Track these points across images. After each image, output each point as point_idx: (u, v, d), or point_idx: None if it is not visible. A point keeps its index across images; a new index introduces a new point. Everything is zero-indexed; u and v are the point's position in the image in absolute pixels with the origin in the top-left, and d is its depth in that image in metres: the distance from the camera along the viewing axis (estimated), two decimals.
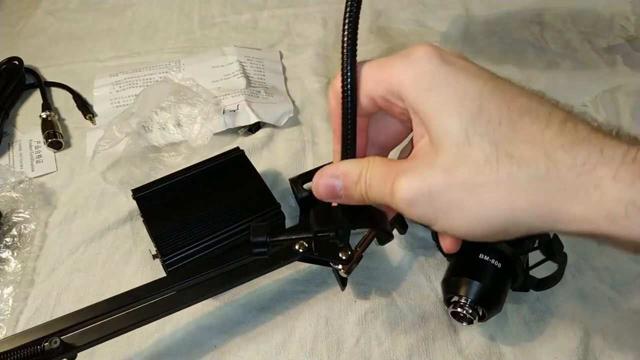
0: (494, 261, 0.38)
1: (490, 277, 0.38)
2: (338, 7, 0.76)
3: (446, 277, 0.40)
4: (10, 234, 0.48)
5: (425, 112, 0.26)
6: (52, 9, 0.78)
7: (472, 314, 0.37)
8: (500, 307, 0.38)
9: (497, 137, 0.24)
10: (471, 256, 0.39)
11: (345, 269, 0.38)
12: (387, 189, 0.27)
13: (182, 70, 0.65)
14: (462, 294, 0.38)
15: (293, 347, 0.41)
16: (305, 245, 0.38)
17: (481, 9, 0.75)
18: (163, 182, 0.47)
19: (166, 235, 0.43)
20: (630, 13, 0.72)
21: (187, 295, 0.37)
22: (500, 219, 0.24)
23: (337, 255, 0.38)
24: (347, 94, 0.29)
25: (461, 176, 0.24)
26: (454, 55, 0.27)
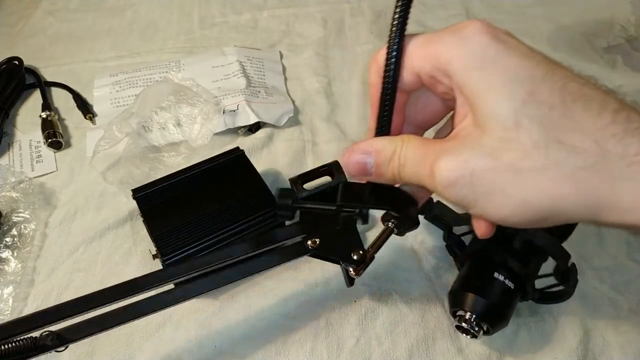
0: (507, 281, 0.37)
1: (500, 296, 0.37)
2: (338, 7, 0.76)
3: (455, 289, 0.39)
4: (10, 234, 0.48)
5: (472, 91, 0.25)
6: (52, 9, 0.78)
7: (477, 330, 0.37)
8: (507, 323, 0.38)
9: (548, 122, 0.23)
10: (484, 272, 0.38)
11: (356, 270, 0.37)
12: (425, 169, 0.26)
13: (182, 70, 0.65)
14: (468, 310, 0.37)
15: (293, 347, 0.41)
16: (316, 242, 0.37)
17: (481, 9, 0.75)
18: (163, 182, 0.47)
19: (166, 235, 0.43)
20: (630, 13, 0.72)
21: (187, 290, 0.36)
22: (542, 206, 0.24)
23: (349, 255, 0.37)
24: (391, 67, 0.28)
25: (507, 160, 0.24)
26: (505, 33, 0.26)
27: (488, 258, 0.38)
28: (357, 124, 0.59)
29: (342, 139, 0.57)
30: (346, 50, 0.69)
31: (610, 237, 0.47)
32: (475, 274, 0.39)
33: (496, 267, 0.38)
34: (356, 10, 0.75)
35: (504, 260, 0.37)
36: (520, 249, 0.38)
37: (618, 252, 0.46)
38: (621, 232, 0.47)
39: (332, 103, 0.62)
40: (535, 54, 0.25)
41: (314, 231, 0.37)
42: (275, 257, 0.37)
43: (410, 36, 0.28)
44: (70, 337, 0.32)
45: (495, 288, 0.37)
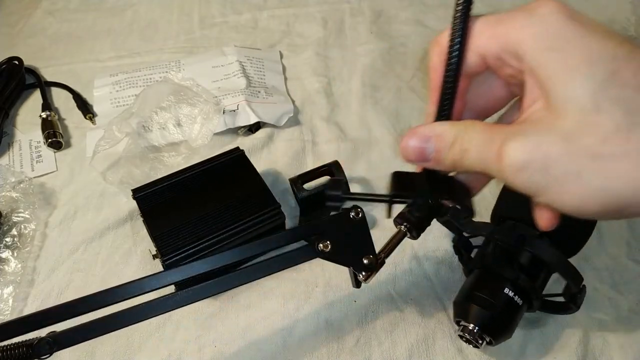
0: (517, 297, 0.36)
1: (506, 311, 0.36)
2: (338, 7, 0.76)
3: (460, 299, 0.38)
4: (10, 234, 0.48)
5: (547, 73, 0.23)
6: (52, 9, 0.78)
7: (479, 343, 0.37)
8: (510, 335, 0.37)
9: (632, 105, 0.22)
10: (494, 286, 0.37)
11: (366, 275, 0.36)
12: (492, 153, 0.24)
13: (182, 70, 0.65)
14: (473, 323, 0.36)
15: (293, 347, 0.41)
16: (328, 246, 0.36)
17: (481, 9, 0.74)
18: (163, 182, 0.47)
19: (166, 235, 0.43)
20: (630, 13, 0.72)
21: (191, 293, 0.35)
22: (622, 195, 0.22)
23: (360, 260, 0.36)
24: (455, 48, 0.26)
25: (584, 144, 0.22)
26: (580, 13, 0.24)
27: (497, 272, 0.38)
28: (357, 124, 0.59)
29: (342, 139, 0.57)
30: (346, 50, 0.69)
31: (610, 237, 0.47)
32: (483, 286, 0.38)
33: (506, 283, 0.37)
34: (356, 10, 0.75)
35: (516, 277, 0.37)
36: (528, 263, 0.38)
37: (618, 252, 0.46)
38: (621, 232, 0.48)
39: (332, 103, 0.62)
40: (615, 34, 0.23)
41: (325, 233, 0.36)
42: (284, 259, 0.36)
43: (476, 17, 0.27)
44: (67, 343, 0.32)
45: (503, 303, 0.36)
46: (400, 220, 0.36)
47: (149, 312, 0.34)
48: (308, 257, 0.36)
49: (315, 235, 0.36)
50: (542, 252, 0.37)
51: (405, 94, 0.63)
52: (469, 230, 0.41)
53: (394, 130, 0.58)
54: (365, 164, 0.55)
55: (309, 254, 0.36)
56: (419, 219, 0.36)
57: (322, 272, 0.46)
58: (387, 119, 0.59)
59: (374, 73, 0.65)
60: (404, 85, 0.64)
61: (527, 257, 0.38)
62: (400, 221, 0.36)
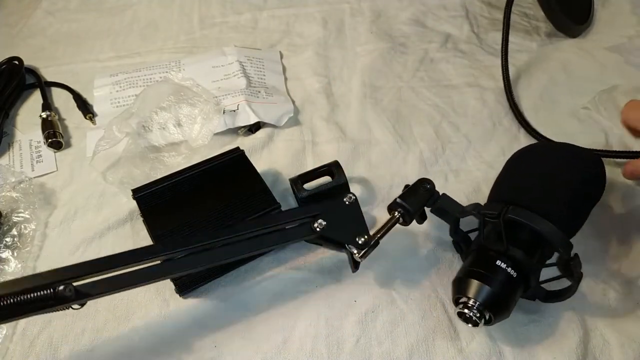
0: (510, 269, 0.37)
1: (502, 284, 0.37)
2: (338, 7, 0.76)
3: (458, 276, 0.39)
4: (10, 234, 0.48)
5: None
6: (52, 9, 0.78)
7: (478, 317, 0.37)
8: (508, 314, 0.38)
9: None
10: (487, 260, 0.38)
11: (361, 253, 0.39)
12: None
13: (182, 70, 0.65)
14: (471, 296, 0.37)
15: (293, 347, 0.41)
16: (323, 225, 0.39)
17: (481, 9, 0.75)
18: (163, 182, 0.47)
19: (166, 235, 0.43)
20: (630, 13, 0.72)
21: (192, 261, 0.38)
22: None
23: (354, 239, 0.38)
24: None
25: None
26: None
27: (491, 247, 0.39)
28: (357, 124, 0.59)
29: (342, 139, 0.57)
30: (346, 50, 0.69)
31: (610, 238, 0.47)
32: (479, 262, 0.39)
33: (499, 256, 0.38)
34: (356, 10, 0.75)
35: (506, 249, 0.38)
36: (526, 240, 0.38)
37: (618, 252, 0.46)
38: (622, 231, 0.47)
39: (332, 103, 0.62)
40: None
41: (321, 214, 0.39)
42: (281, 236, 0.39)
43: None
44: (86, 292, 0.34)
45: (498, 276, 0.37)
46: (394, 206, 0.41)
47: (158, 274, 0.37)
48: (304, 235, 0.40)
49: (312, 217, 0.40)
50: (526, 218, 0.38)
51: (405, 94, 0.63)
52: (458, 213, 0.42)
53: (394, 130, 0.58)
54: (365, 164, 0.55)
55: (306, 232, 0.40)
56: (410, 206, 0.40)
57: (321, 272, 0.46)
58: (387, 119, 0.59)
59: (374, 73, 0.65)
60: (404, 85, 0.64)
61: (519, 232, 0.39)
62: (394, 207, 0.41)
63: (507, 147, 0.56)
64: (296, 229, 0.40)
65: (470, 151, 0.56)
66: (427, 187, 0.42)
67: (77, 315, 0.44)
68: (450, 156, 0.55)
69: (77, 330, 0.43)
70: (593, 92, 0.61)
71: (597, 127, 0.57)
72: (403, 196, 0.42)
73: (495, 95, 0.62)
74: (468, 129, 0.58)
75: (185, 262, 0.38)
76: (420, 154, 0.56)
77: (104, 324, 0.43)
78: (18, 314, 0.33)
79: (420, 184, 0.42)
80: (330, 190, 0.48)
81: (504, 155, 0.55)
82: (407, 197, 0.42)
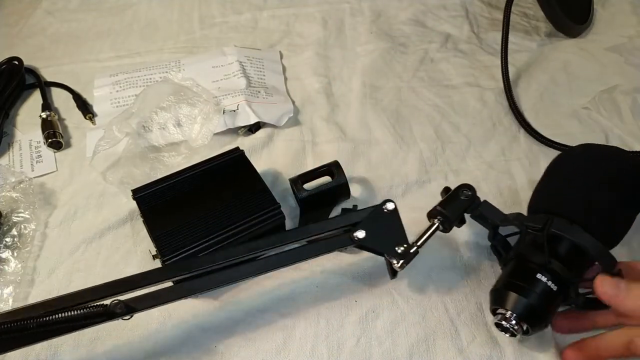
0: (550, 283, 0.37)
1: (542, 297, 0.36)
2: (338, 7, 0.76)
3: (496, 287, 0.39)
4: (10, 234, 0.48)
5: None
6: (52, 9, 0.78)
7: (516, 329, 0.37)
8: (546, 326, 0.37)
9: None
10: (527, 272, 0.37)
11: (400, 263, 0.39)
12: None
13: (182, 70, 0.65)
14: (508, 309, 0.36)
15: (293, 347, 0.41)
16: (363, 234, 0.39)
17: (481, 9, 0.75)
18: (163, 182, 0.47)
19: (166, 235, 0.43)
20: (630, 13, 0.72)
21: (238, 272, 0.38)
22: None
23: (394, 249, 0.39)
24: None
25: None
26: None
27: (529, 259, 0.38)
28: (357, 124, 0.59)
29: (342, 139, 0.57)
30: (346, 50, 0.69)
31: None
32: (518, 274, 0.38)
33: (539, 268, 0.37)
34: (356, 10, 0.75)
35: (548, 262, 0.37)
36: (567, 252, 0.38)
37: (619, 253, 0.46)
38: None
39: (332, 103, 0.62)
40: None
41: (360, 223, 0.40)
42: (322, 245, 0.40)
43: None
44: (134, 307, 0.36)
45: (538, 289, 0.36)
46: (434, 213, 0.41)
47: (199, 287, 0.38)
48: (344, 244, 0.40)
49: (351, 226, 0.40)
50: (569, 233, 0.37)
51: (405, 94, 0.63)
52: (500, 221, 0.41)
53: (394, 130, 0.58)
54: (365, 164, 0.55)
55: (345, 241, 0.40)
56: (451, 214, 0.40)
57: (322, 272, 0.46)
58: (387, 119, 0.59)
59: (374, 73, 0.65)
60: (404, 85, 0.64)
61: (559, 244, 0.38)
62: (434, 214, 0.41)
63: (507, 147, 0.56)
64: (335, 238, 0.40)
65: (470, 151, 0.56)
66: (468, 194, 0.41)
67: None
68: (450, 156, 0.55)
69: None
70: (593, 92, 0.61)
71: (597, 127, 0.57)
72: (443, 203, 0.41)
73: (495, 95, 0.62)
74: (468, 129, 0.58)
75: (229, 274, 0.38)
76: (420, 154, 0.56)
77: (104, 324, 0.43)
78: (69, 329, 0.34)
79: (461, 190, 0.41)
80: (330, 190, 0.48)
81: (504, 155, 0.55)
82: (447, 204, 0.41)
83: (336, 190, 0.49)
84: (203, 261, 0.38)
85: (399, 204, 0.45)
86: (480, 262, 0.46)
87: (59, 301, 0.35)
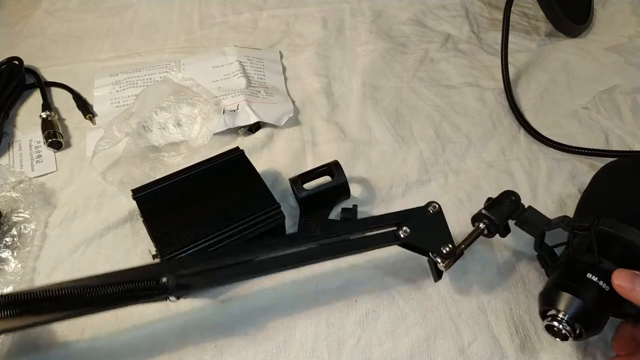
0: (602, 282, 0.35)
1: (594, 298, 0.35)
2: (338, 7, 0.76)
3: (546, 289, 0.38)
4: (10, 234, 0.48)
5: None
6: (52, 9, 0.78)
7: (568, 330, 0.35)
8: (600, 330, 0.36)
9: None
10: (578, 273, 0.37)
11: (445, 263, 0.39)
12: None
13: (182, 70, 0.65)
14: (560, 309, 0.36)
15: (293, 347, 0.41)
16: (407, 232, 0.40)
17: (481, 9, 0.75)
18: (163, 182, 0.47)
19: (166, 235, 0.43)
20: (630, 13, 0.72)
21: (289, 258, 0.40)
22: None
23: (439, 248, 0.39)
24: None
25: None
26: None
27: (581, 260, 0.37)
28: (357, 124, 0.59)
29: (342, 139, 0.57)
30: (346, 50, 0.69)
31: None
32: (568, 274, 0.37)
33: (589, 268, 0.36)
34: (356, 10, 0.75)
35: (599, 261, 0.36)
36: (618, 252, 0.37)
37: None
38: None
39: (332, 103, 0.62)
40: None
41: (405, 222, 0.40)
42: (368, 241, 0.41)
43: None
44: (186, 284, 0.37)
45: (590, 289, 0.35)
46: (479, 217, 0.41)
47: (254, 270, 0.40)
48: (388, 241, 0.41)
49: (396, 223, 0.41)
50: (618, 230, 0.37)
51: (405, 94, 0.63)
52: (546, 226, 0.41)
53: (394, 130, 0.58)
54: (365, 164, 0.55)
55: (389, 238, 0.41)
56: (496, 217, 0.40)
57: (322, 271, 0.46)
58: (387, 119, 0.59)
59: (374, 73, 0.65)
60: (404, 85, 0.64)
61: (609, 243, 0.37)
62: (479, 218, 0.41)
63: (507, 147, 0.56)
64: (381, 235, 0.41)
65: (470, 151, 0.56)
66: (512, 199, 0.41)
67: None
68: (450, 156, 0.55)
69: (77, 329, 0.43)
70: (593, 92, 0.61)
71: (597, 127, 0.58)
72: (488, 207, 0.41)
73: (495, 95, 0.62)
74: (468, 129, 0.58)
75: (270, 263, 0.39)
76: (420, 154, 0.56)
77: (104, 324, 0.43)
78: (122, 303, 0.36)
79: (506, 196, 0.41)
80: (330, 190, 0.48)
81: (504, 155, 0.55)
82: (492, 208, 0.41)
83: (336, 190, 0.49)
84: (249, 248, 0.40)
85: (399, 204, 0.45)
86: (480, 262, 0.46)
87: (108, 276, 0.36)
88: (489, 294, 0.44)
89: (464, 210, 0.50)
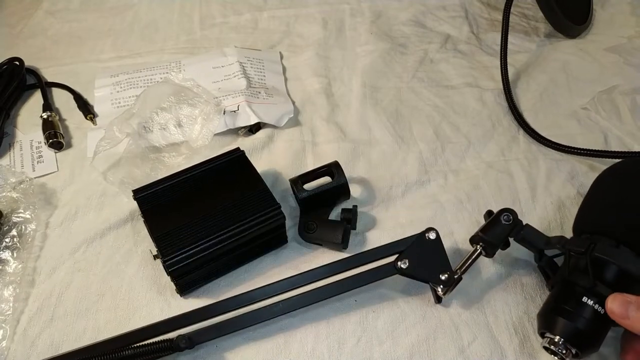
0: (597, 306, 0.36)
1: (589, 321, 0.36)
2: (338, 7, 0.76)
3: (544, 311, 0.38)
4: (11, 234, 0.49)
5: None
6: (53, 9, 0.78)
7: (565, 353, 0.36)
8: (597, 349, 0.37)
9: None
10: (573, 296, 0.37)
11: (444, 290, 0.40)
12: None
13: (182, 70, 0.66)
14: (557, 334, 0.36)
15: (294, 347, 0.41)
16: (406, 263, 0.40)
17: (481, 9, 0.75)
18: (164, 182, 0.47)
19: (166, 235, 0.43)
20: (629, 14, 0.72)
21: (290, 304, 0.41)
22: None
23: (438, 276, 0.40)
24: None
25: None
26: None
27: (577, 282, 0.37)
28: (357, 124, 0.59)
29: (342, 139, 0.57)
30: (346, 51, 0.69)
31: None
32: (564, 297, 0.37)
33: (585, 292, 0.37)
34: (356, 11, 0.75)
35: (594, 285, 0.36)
36: (610, 274, 0.37)
37: None
38: None
39: (332, 103, 0.62)
40: None
41: (404, 252, 0.41)
42: (368, 275, 0.42)
43: None
44: (197, 340, 0.39)
45: (585, 313, 0.36)
46: (476, 240, 0.41)
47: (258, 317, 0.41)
48: (387, 274, 0.42)
49: (396, 254, 0.41)
50: (613, 257, 0.37)
51: (405, 94, 0.63)
52: (543, 245, 0.41)
53: (393, 130, 0.58)
54: (365, 164, 0.55)
55: (389, 271, 0.41)
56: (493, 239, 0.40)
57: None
58: (387, 119, 0.60)
59: (374, 73, 0.65)
60: (404, 86, 0.64)
61: (604, 266, 0.37)
62: (476, 240, 0.41)
63: (506, 147, 0.56)
64: (380, 268, 0.41)
65: (469, 151, 0.56)
66: (509, 218, 0.41)
67: (78, 315, 0.44)
68: (449, 156, 0.56)
69: (78, 330, 0.43)
70: (592, 93, 0.61)
71: (596, 127, 0.58)
72: (484, 229, 0.41)
73: (495, 96, 0.62)
74: (467, 129, 0.58)
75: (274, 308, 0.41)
76: (420, 154, 0.56)
77: (105, 324, 0.43)
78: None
79: (502, 215, 0.41)
80: (330, 191, 0.49)
81: (504, 155, 0.55)
82: (488, 229, 0.41)
83: (336, 190, 0.49)
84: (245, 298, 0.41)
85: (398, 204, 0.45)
86: (480, 262, 0.46)
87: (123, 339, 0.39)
88: (489, 295, 0.44)
89: (464, 211, 0.50)
